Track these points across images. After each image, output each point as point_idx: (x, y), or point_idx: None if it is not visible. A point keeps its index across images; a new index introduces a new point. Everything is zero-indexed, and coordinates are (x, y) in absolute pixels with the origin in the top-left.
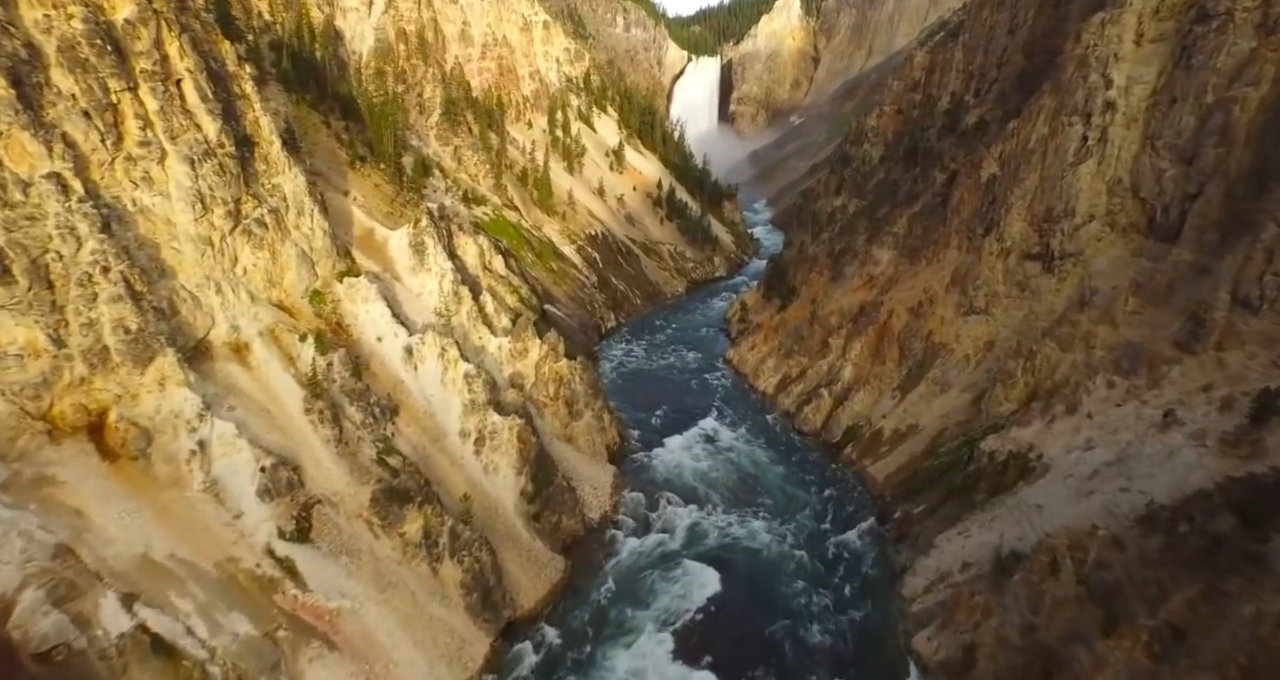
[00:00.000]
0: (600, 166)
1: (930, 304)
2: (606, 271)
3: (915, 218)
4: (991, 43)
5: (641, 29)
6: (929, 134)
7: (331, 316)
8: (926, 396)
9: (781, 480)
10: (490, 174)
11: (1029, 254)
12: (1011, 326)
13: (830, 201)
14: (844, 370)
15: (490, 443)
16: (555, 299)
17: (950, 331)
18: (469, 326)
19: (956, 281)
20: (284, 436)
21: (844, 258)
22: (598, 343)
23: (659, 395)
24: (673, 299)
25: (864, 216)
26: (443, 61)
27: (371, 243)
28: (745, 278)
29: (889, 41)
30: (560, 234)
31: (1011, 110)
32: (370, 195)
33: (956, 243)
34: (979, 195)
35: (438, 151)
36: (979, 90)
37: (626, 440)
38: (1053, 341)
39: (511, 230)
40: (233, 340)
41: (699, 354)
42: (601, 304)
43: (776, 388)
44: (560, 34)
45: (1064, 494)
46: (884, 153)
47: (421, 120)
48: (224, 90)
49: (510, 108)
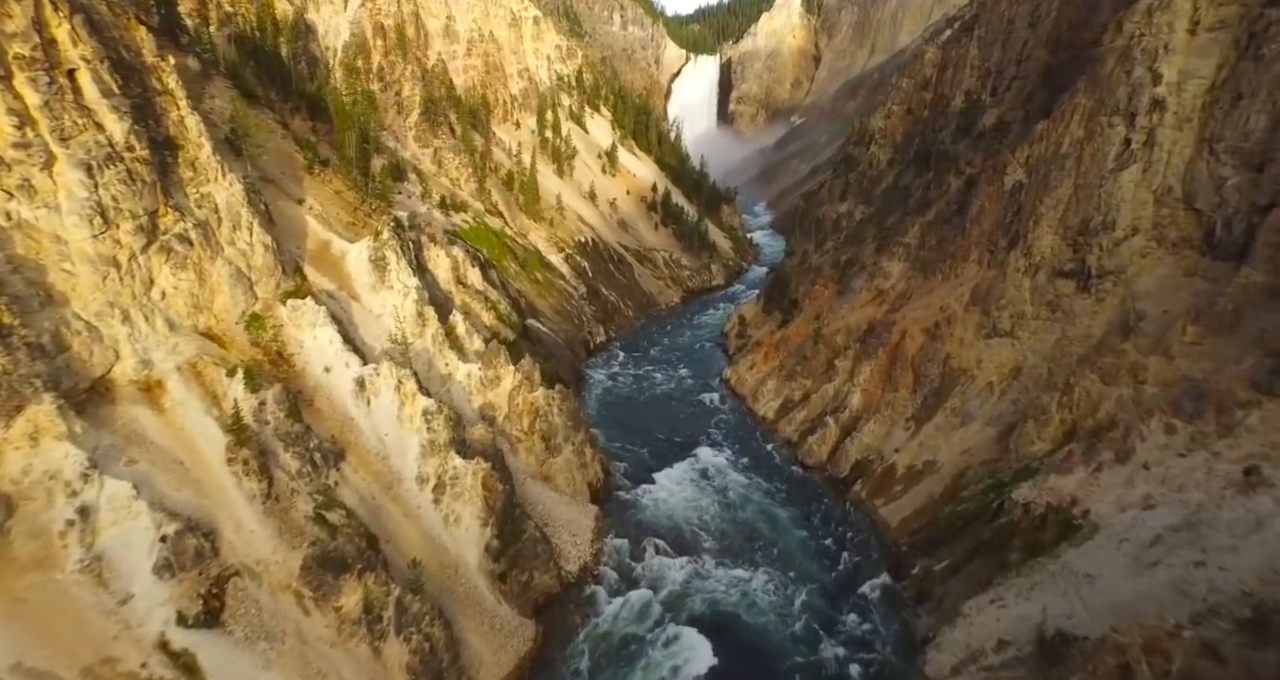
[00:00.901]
0: (592, 169)
1: (948, 324)
2: (596, 281)
3: (929, 227)
4: (1010, 37)
5: (639, 27)
6: (942, 136)
7: (271, 345)
8: (944, 429)
9: (783, 523)
10: (473, 178)
11: (1061, 271)
12: (1041, 352)
13: (835, 207)
14: (851, 396)
15: (452, 490)
16: (539, 313)
17: (970, 356)
18: (434, 352)
19: (977, 300)
20: (198, 494)
21: (850, 269)
22: (585, 359)
23: (649, 420)
24: (667, 310)
25: (872, 225)
26: (424, 58)
27: (327, 257)
28: (744, 286)
29: (892, 39)
30: (547, 241)
31: (1035, 110)
32: (329, 203)
33: (976, 256)
34: (1002, 204)
35: (416, 154)
36: (996, 89)
37: (612, 475)
38: (1093, 373)
39: (493, 238)
40: (142, 378)
41: (694, 372)
42: (590, 317)
43: (777, 413)
44: (551, 30)
45: (1120, 563)
46: (892, 155)
47: (399, 121)
48: (138, 84)
49: (497, 107)
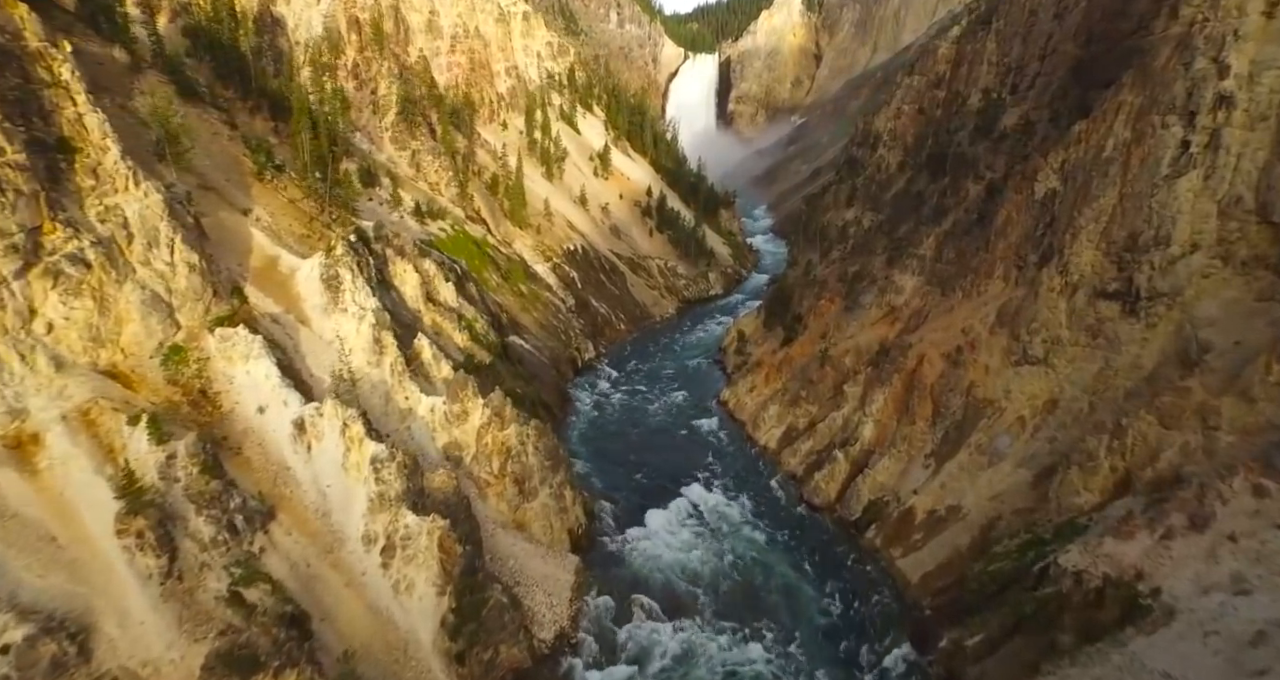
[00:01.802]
0: (583, 172)
1: (971, 349)
2: (586, 292)
3: (946, 238)
4: (1033, 30)
5: (636, 25)
6: (958, 137)
7: (194, 382)
8: (969, 469)
9: (788, 576)
10: (454, 182)
11: (1103, 291)
12: (1080, 383)
13: (840, 214)
14: (863, 428)
15: (403, 552)
16: (523, 329)
17: (997, 385)
18: (393, 384)
19: (1004, 322)
20: (72, 579)
21: (859, 283)
22: (572, 378)
23: (640, 450)
24: (662, 322)
25: (882, 234)
26: (404, 55)
27: (274, 275)
28: (743, 296)
29: (895, 37)
30: (533, 250)
31: (1066, 109)
32: (282, 213)
33: (1002, 272)
34: (1032, 214)
35: (393, 157)
36: (1017, 86)
37: (596, 519)
38: (1149, 414)
39: (473, 248)
40: (10, 432)
41: (689, 394)
42: (579, 331)
43: (780, 443)
44: (542, 26)
45: (1210, 664)
46: (903, 158)
47: (375, 121)
48: (17, 73)
49: (483, 107)
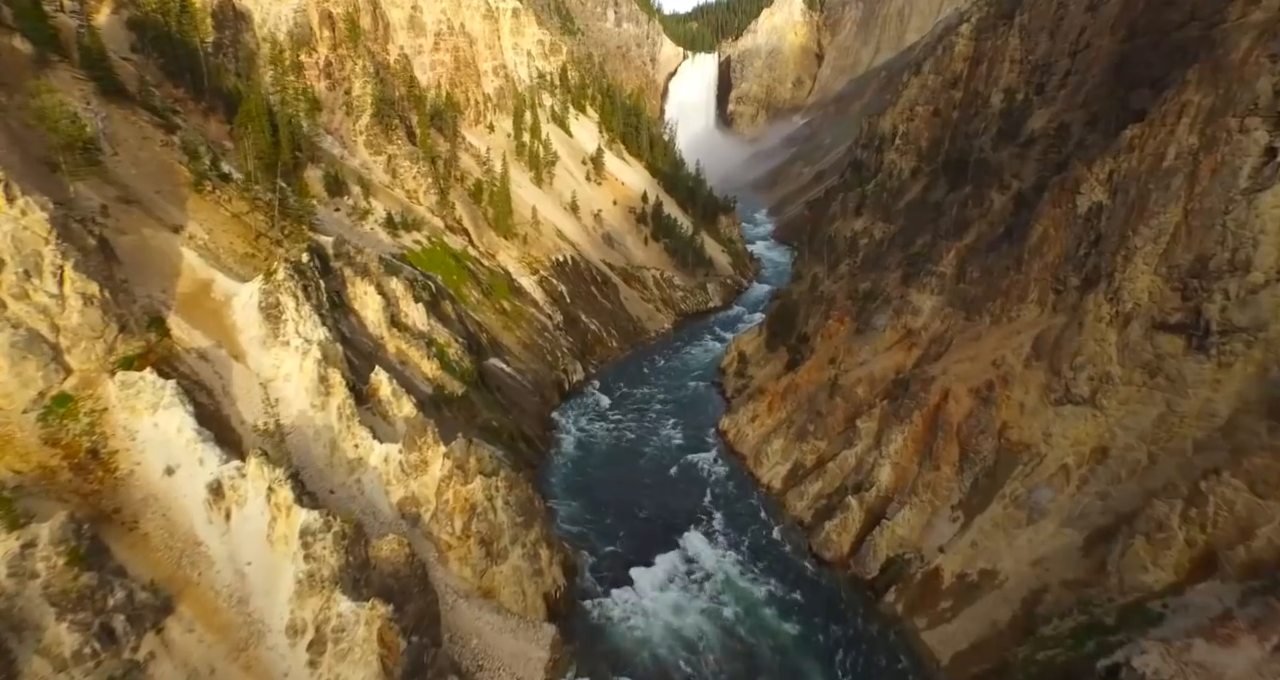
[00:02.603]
0: (574, 177)
1: (1003, 384)
2: (575, 307)
3: (969, 254)
4: (1062, 23)
5: (634, 24)
6: (979, 142)
7: (81, 441)
8: (1005, 526)
9: (794, 648)
10: (433, 189)
11: (1164, 323)
12: (1137, 430)
13: (849, 223)
14: (879, 470)
15: (335, 646)
16: (504, 350)
17: (1034, 427)
18: (340, 430)
19: (1041, 353)
20: None
21: (871, 303)
22: (558, 404)
23: (630, 489)
24: (657, 338)
25: (895, 247)
26: (384, 53)
27: (206, 302)
28: (743, 308)
29: (899, 36)
30: (519, 262)
31: (1105, 111)
32: (223, 230)
33: (1037, 296)
34: (1073, 232)
35: (366, 162)
36: (1044, 86)
37: (577, 577)
38: (1236, 477)
39: (451, 262)
40: None
41: (685, 422)
42: (566, 351)
43: (785, 482)
44: (533, 23)
45: None
46: (916, 164)
47: (348, 124)
48: None
49: (468, 108)
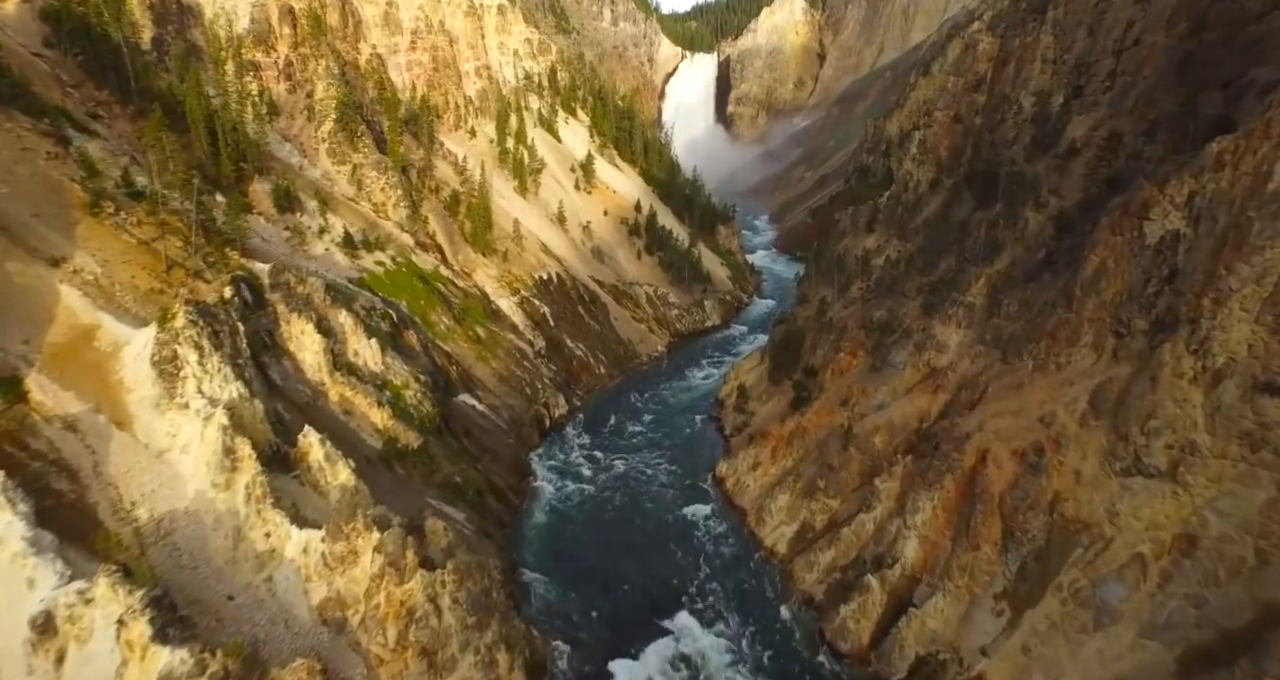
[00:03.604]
0: (563, 185)
1: (1054, 446)
2: (560, 331)
3: (1002, 283)
4: (1104, 18)
5: (631, 23)
6: (1010, 153)
7: None
8: (1064, 628)
9: None
10: (404, 202)
11: (1270, 384)
12: (1237, 517)
13: (860, 240)
14: (903, 544)
15: None
16: (476, 384)
17: (1096, 501)
18: (247, 516)
19: (1102, 411)
20: None
21: (889, 336)
22: (537, 444)
23: (614, 553)
24: (650, 362)
25: (914, 270)
26: (354, 52)
27: (86, 354)
28: (744, 327)
29: (903, 36)
30: (498, 281)
31: (1165, 118)
32: (121, 261)
33: (1093, 340)
34: (1139, 264)
35: (329, 172)
36: (1082, 88)
37: (547, 676)
38: None
39: (419, 285)
40: None
41: (679, 465)
42: (548, 382)
43: (792, 546)
44: (520, 20)
45: None
46: (935, 175)
47: (309, 130)
48: None
49: (447, 112)
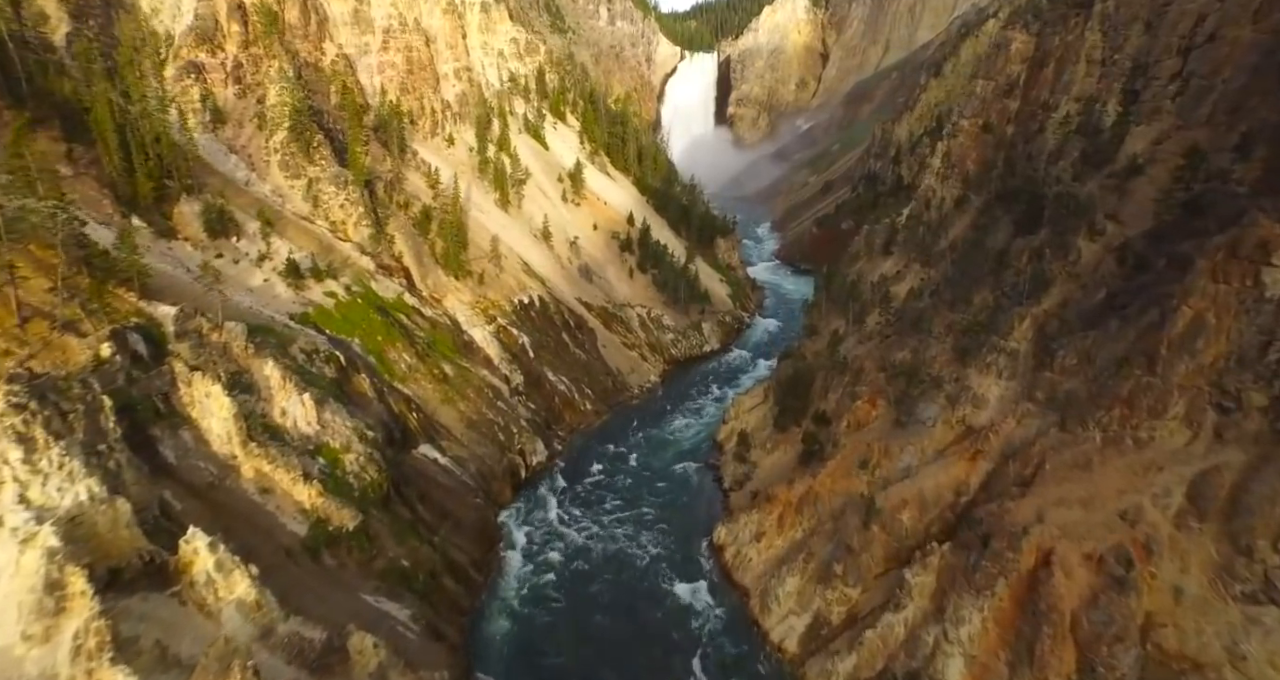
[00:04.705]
0: (549, 197)
1: (1144, 554)
2: (540, 363)
3: (1052, 325)
4: (1167, 11)
5: (628, 22)
6: (1054, 170)
7: None
8: None
9: None
10: (366, 220)
11: None
12: None
13: (876, 265)
14: (945, 662)
15: None
16: (441, 432)
17: (1208, 633)
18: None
19: (1206, 509)
20: None
21: (915, 385)
22: (510, 500)
23: (593, 652)
24: (641, 395)
25: (942, 304)
26: (317, 52)
27: None
28: (745, 352)
29: (910, 35)
30: (471, 308)
31: (1264, 130)
32: None
33: (1186, 412)
34: (1252, 322)
35: (281, 187)
36: (1138, 93)
37: None
38: None
39: (376, 318)
40: None
41: (671, 528)
42: (526, 424)
43: (804, 643)
44: (505, 19)
45: None
46: (962, 192)
47: (259, 139)
48: None
49: (423, 118)
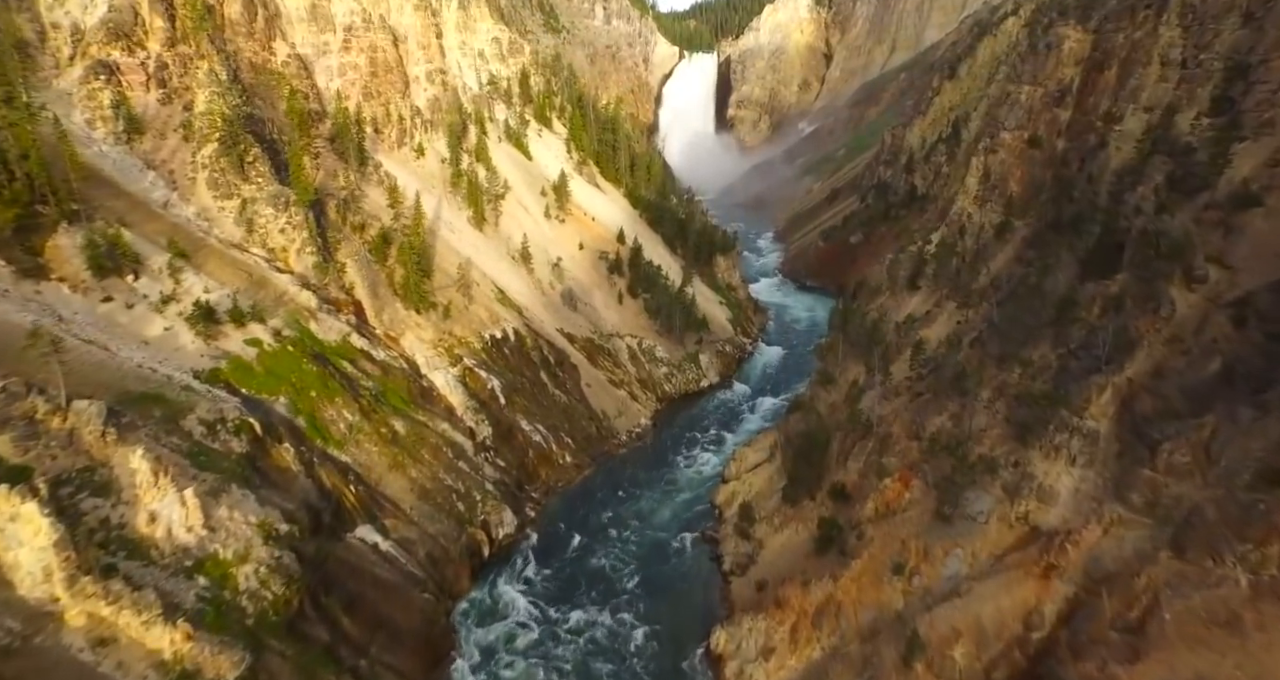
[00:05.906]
0: (530, 213)
1: None
2: (513, 410)
3: (1147, 404)
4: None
5: (625, 21)
6: (1133, 197)
7: None
8: None
9: None
10: (311, 245)
11: None
12: None
13: (901, 302)
14: None
15: None
16: (385, 507)
17: None
18: None
19: None
20: None
21: (961, 467)
22: (467, 590)
23: None
24: (630, 442)
25: (988, 357)
26: (266, 52)
27: None
28: (747, 387)
29: (917, 35)
30: (433, 347)
31: None
32: None
33: None
34: None
35: (208, 210)
36: (1234, 102)
37: None
38: None
39: (309, 368)
40: None
41: (660, 626)
42: (492, 489)
43: None
44: (486, 17)
45: None
46: (1004, 217)
47: (185, 153)
48: None
49: (389, 126)
